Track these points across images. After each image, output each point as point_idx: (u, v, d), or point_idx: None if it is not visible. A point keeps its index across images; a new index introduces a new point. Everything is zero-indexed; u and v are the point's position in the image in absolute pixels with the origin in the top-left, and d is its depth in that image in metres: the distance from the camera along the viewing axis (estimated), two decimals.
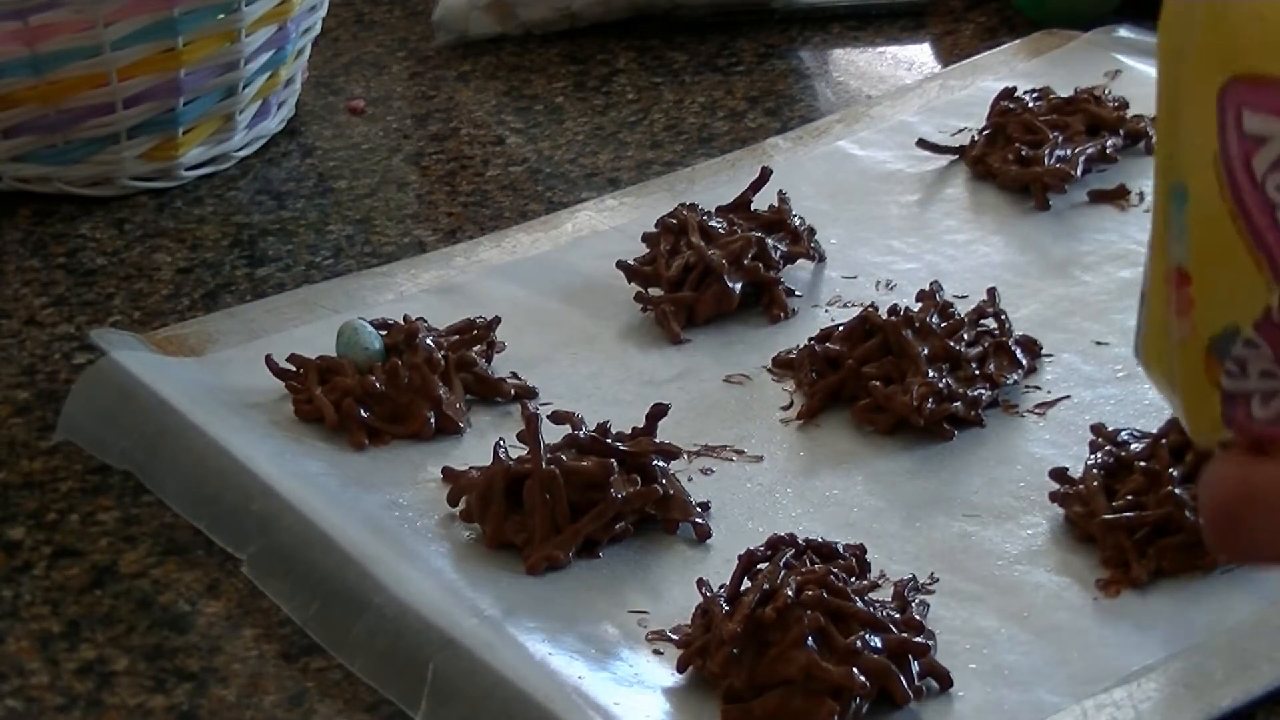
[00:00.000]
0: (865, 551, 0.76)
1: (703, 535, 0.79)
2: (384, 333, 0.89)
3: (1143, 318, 0.61)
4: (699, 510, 0.80)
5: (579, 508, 0.78)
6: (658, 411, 0.83)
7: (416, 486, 0.82)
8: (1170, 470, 0.77)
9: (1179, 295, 0.59)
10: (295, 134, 1.17)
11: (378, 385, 0.86)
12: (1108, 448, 0.80)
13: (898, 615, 0.71)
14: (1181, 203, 0.58)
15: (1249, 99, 0.56)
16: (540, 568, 0.77)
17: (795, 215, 0.99)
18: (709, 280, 0.94)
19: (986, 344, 0.88)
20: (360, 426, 0.85)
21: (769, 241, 0.96)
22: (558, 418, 0.83)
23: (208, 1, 1.06)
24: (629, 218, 1.03)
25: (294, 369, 0.88)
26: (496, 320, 0.91)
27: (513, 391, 0.88)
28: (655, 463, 0.80)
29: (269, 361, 0.88)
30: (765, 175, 1.00)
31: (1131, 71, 1.15)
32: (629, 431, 0.82)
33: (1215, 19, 0.58)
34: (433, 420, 0.86)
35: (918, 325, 0.87)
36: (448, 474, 0.82)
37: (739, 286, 0.94)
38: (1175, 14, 0.59)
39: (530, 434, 0.80)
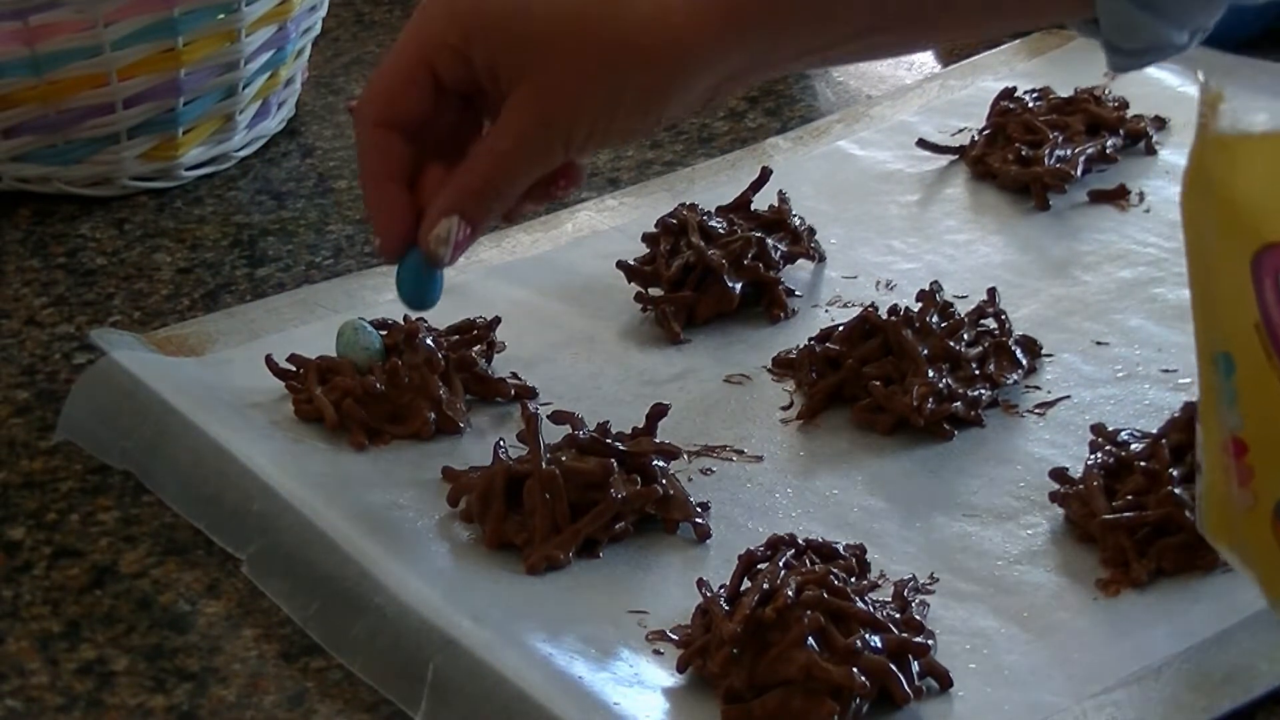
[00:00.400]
0: (865, 551, 0.76)
1: (703, 535, 0.79)
2: (384, 333, 0.89)
3: (1201, 491, 0.61)
4: (699, 510, 0.80)
5: (579, 508, 0.78)
6: (658, 411, 0.83)
7: (416, 486, 0.82)
8: (1170, 470, 0.77)
9: (1238, 465, 0.59)
10: (295, 134, 1.17)
11: (378, 386, 0.86)
12: (1108, 448, 0.80)
13: (898, 615, 0.71)
14: (1228, 372, 0.58)
15: None
16: (540, 568, 0.77)
17: (795, 215, 0.99)
18: (709, 280, 0.94)
19: (986, 344, 0.88)
20: (361, 427, 0.85)
21: (769, 241, 0.96)
22: (558, 418, 0.83)
23: (208, 1, 1.06)
24: (629, 218, 1.03)
25: (294, 369, 0.88)
26: (496, 320, 0.91)
27: (512, 391, 0.88)
28: (655, 463, 0.80)
29: (269, 362, 0.88)
30: (765, 175, 1.00)
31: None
32: (629, 431, 0.82)
33: (1232, 193, 0.58)
34: (433, 420, 0.86)
35: (918, 325, 0.87)
36: (448, 474, 0.82)
37: (739, 286, 0.94)
38: (1192, 193, 0.60)
39: (530, 434, 0.80)
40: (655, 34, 0.76)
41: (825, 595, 0.70)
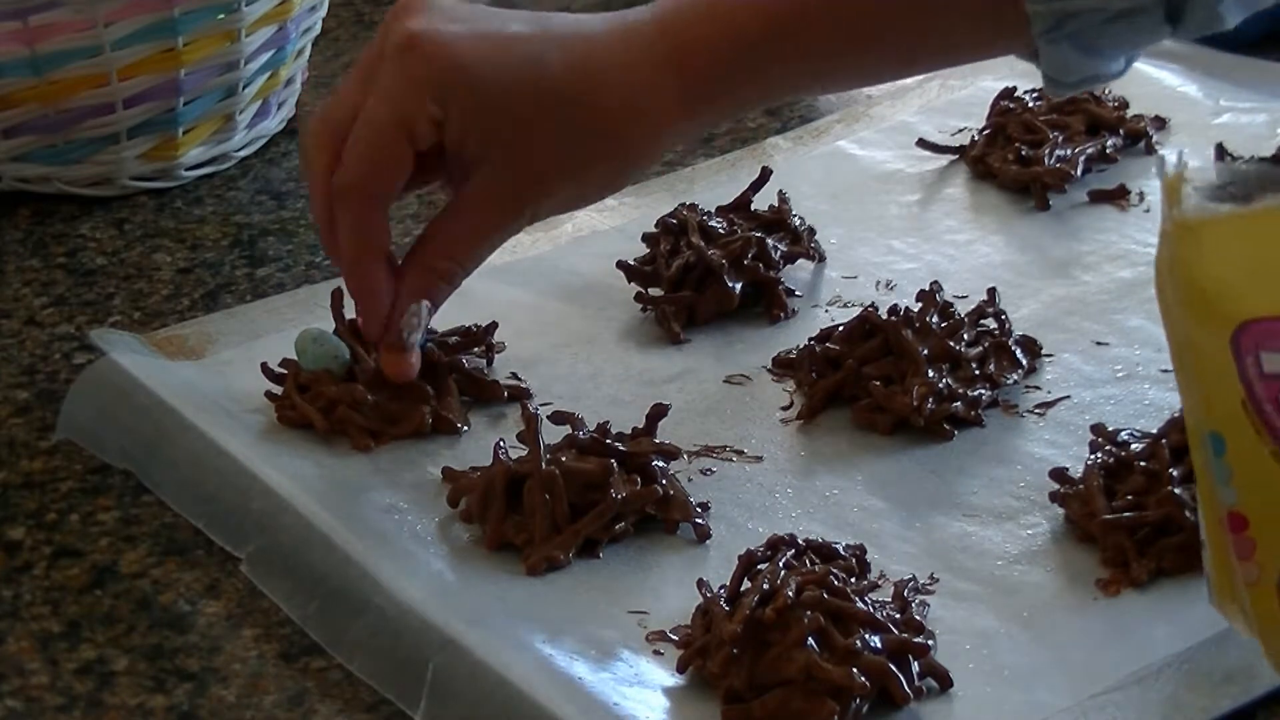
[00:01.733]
0: (865, 552, 0.76)
1: (702, 536, 0.79)
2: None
3: (1208, 564, 0.62)
4: (699, 510, 0.80)
5: (579, 508, 0.78)
6: (658, 412, 0.83)
7: (416, 487, 0.82)
8: (1170, 470, 0.77)
9: (1238, 540, 0.60)
10: (295, 134, 1.17)
11: (368, 397, 0.85)
12: (1108, 448, 0.80)
13: (898, 615, 0.71)
14: (1220, 450, 0.59)
15: (1265, 342, 0.57)
16: (540, 568, 0.77)
17: (795, 215, 0.99)
18: (709, 280, 0.94)
19: (986, 344, 0.88)
20: (361, 430, 0.85)
21: (769, 241, 0.96)
22: (558, 418, 0.83)
23: (208, 1, 1.06)
24: (629, 218, 1.03)
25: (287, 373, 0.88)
26: (493, 325, 0.91)
27: (506, 393, 0.88)
28: (655, 463, 0.80)
29: (264, 369, 0.88)
30: (765, 175, 1.00)
31: (1131, 71, 1.15)
32: (629, 432, 0.82)
33: (1202, 275, 0.59)
34: (430, 416, 0.85)
35: (918, 325, 0.87)
36: (448, 474, 0.82)
37: (739, 286, 0.94)
38: (1164, 279, 0.60)
39: (530, 434, 0.80)
40: (631, 117, 0.80)
41: (825, 595, 0.70)
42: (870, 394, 0.86)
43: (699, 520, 0.79)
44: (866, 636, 0.69)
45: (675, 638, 0.73)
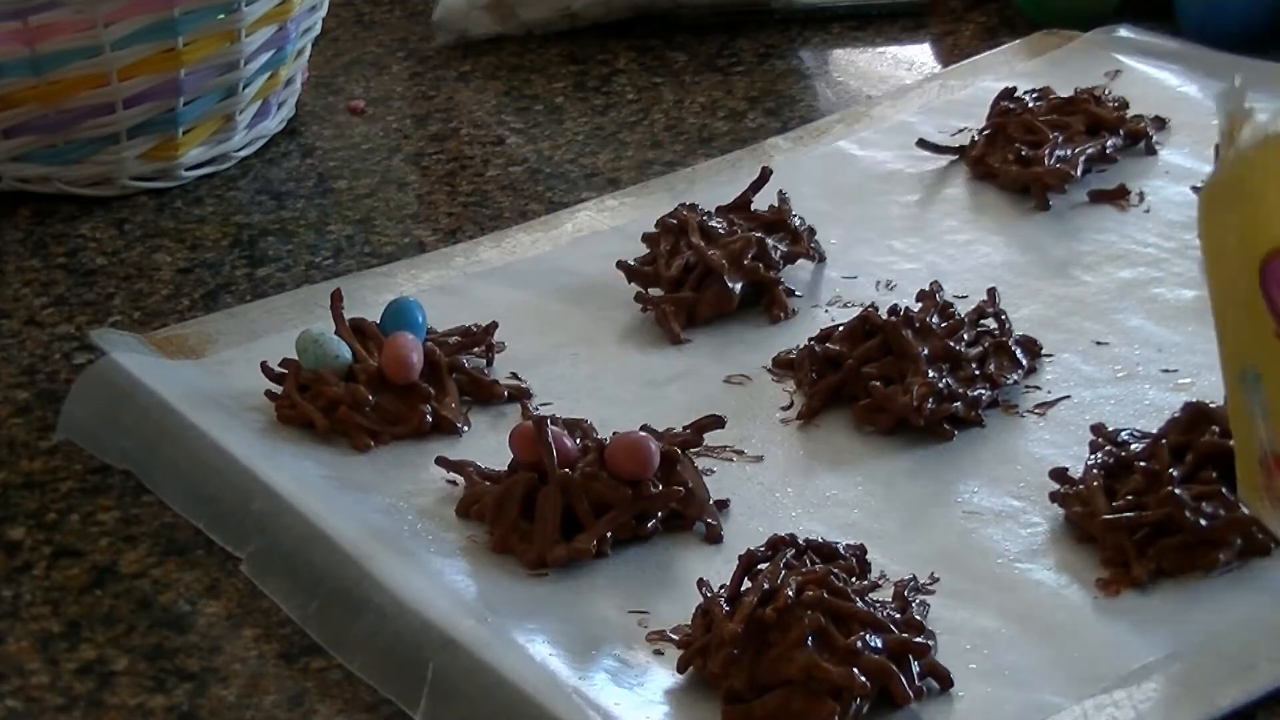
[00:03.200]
0: (865, 552, 0.76)
1: (714, 537, 0.79)
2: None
3: (1240, 471, 0.61)
4: (714, 510, 0.79)
5: (600, 510, 0.78)
6: (710, 423, 0.82)
7: (417, 487, 0.82)
8: (1170, 470, 0.77)
9: (1272, 482, 0.59)
10: (295, 134, 1.17)
11: (369, 397, 0.85)
12: (1108, 448, 0.80)
13: (898, 615, 0.71)
14: (1256, 386, 0.58)
15: None
16: (563, 562, 0.76)
17: (795, 215, 0.99)
18: (709, 280, 0.94)
19: (986, 344, 0.88)
20: (361, 430, 0.85)
21: (769, 241, 0.96)
22: (569, 426, 0.82)
23: (208, 1, 1.06)
24: (629, 218, 1.03)
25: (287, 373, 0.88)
26: (493, 325, 0.91)
27: (506, 393, 0.88)
28: (683, 455, 0.80)
29: (264, 368, 0.88)
30: (765, 175, 1.00)
31: (1131, 71, 1.15)
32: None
33: (1242, 206, 0.58)
34: (429, 414, 0.85)
35: (918, 325, 0.87)
36: (450, 465, 0.82)
37: (739, 286, 0.94)
38: (1210, 214, 0.59)
39: (542, 442, 0.79)
40: None
41: (826, 595, 0.70)
42: (870, 394, 0.86)
43: (711, 520, 0.79)
44: (867, 636, 0.69)
45: (675, 638, 0.73)
